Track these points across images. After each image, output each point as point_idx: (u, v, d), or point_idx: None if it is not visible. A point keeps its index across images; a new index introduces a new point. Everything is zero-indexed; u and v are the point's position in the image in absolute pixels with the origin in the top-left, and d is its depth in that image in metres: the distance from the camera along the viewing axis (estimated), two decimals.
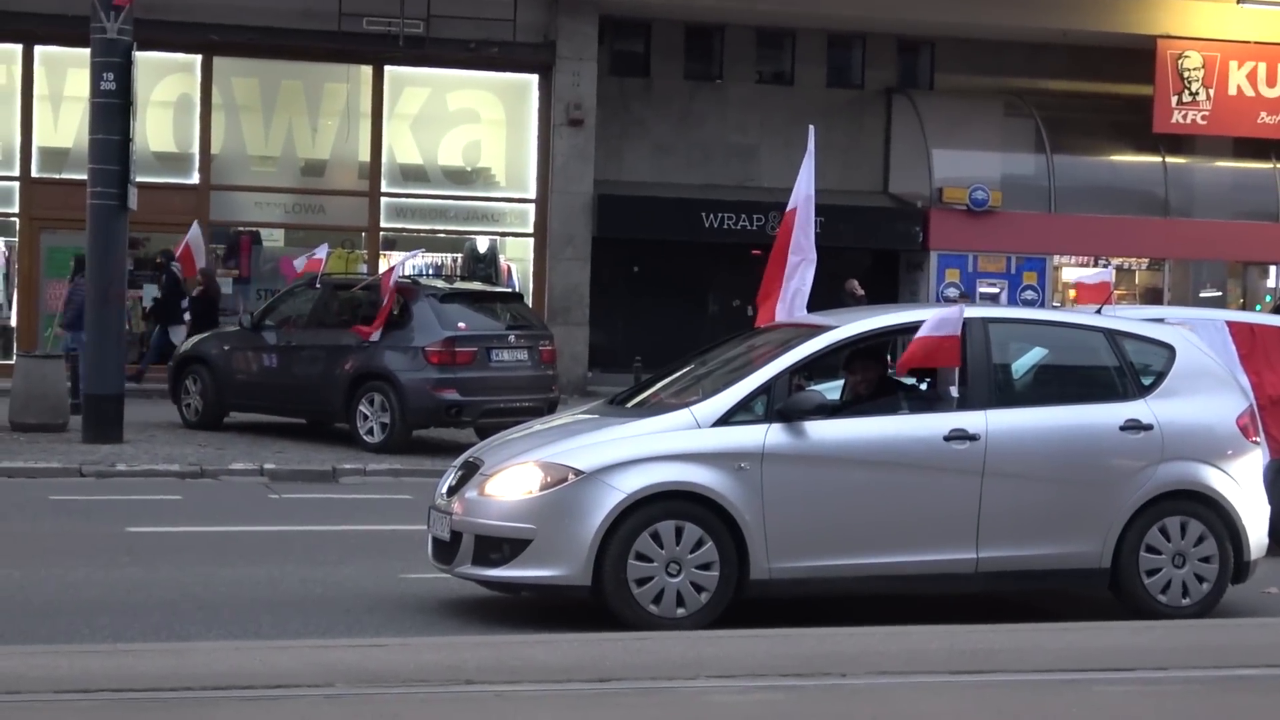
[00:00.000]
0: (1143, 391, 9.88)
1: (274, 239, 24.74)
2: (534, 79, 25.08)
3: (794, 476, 9.04)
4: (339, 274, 21.51)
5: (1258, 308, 26.00)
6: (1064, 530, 9.38)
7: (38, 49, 23.26)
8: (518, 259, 25.60)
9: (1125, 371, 9.98)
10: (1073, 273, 27.44)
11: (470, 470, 9.23)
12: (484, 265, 25.36)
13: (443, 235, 25.82)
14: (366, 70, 24.82)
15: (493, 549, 8.95)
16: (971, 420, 9.28)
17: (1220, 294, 28.09)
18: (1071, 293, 27.08)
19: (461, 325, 17.44)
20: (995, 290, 26.40)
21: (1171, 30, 25.87)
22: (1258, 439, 9.78)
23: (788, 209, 13.34)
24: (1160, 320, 12.39)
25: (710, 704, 7.20)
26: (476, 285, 22.47)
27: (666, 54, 26.38)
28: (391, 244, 24.75)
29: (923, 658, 8.22)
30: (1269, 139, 26.51)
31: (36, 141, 23.51)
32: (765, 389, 9.14)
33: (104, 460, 15.94)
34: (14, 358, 20.55)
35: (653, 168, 25.60)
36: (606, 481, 8.86)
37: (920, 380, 9.70)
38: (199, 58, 24.15)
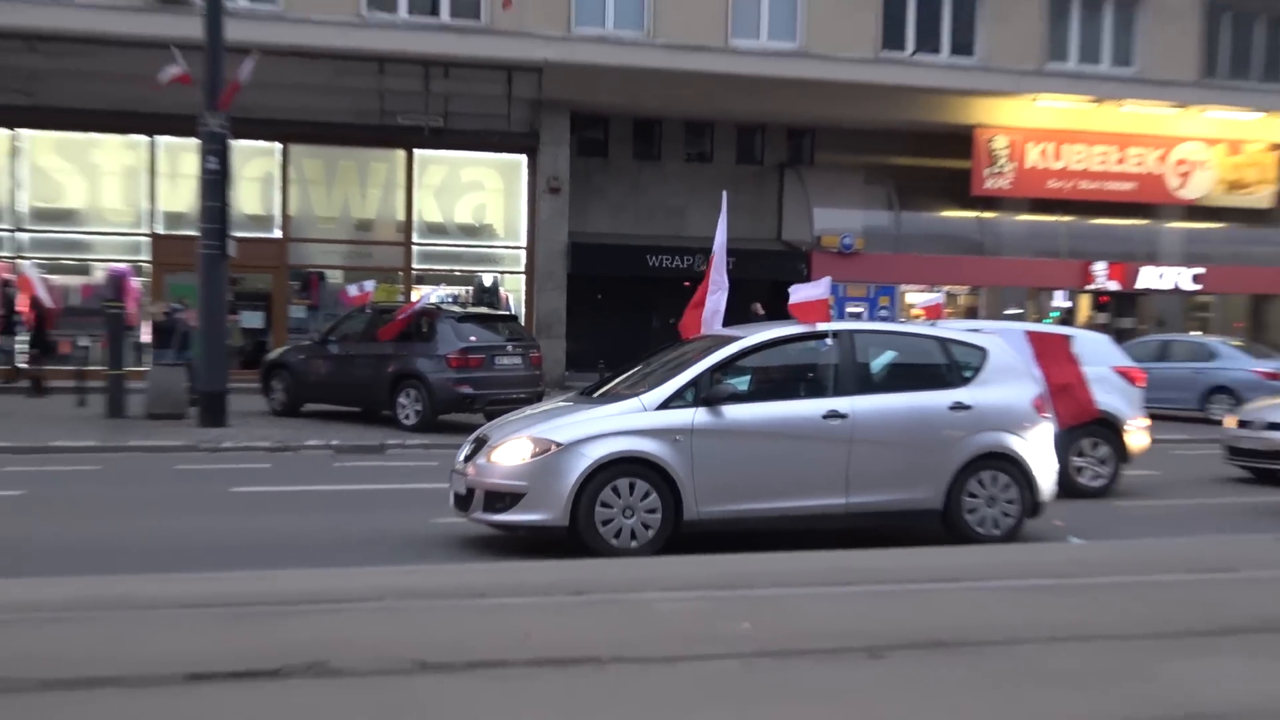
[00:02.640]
0: (964, 381, 10.22)
1: (335, 277, 25.85)
2: (524, 159, 26.23)
3: (715, 445, 9.39)
4: (383, 302, 22.46)
5: (1046, 320, 28.22)
6: (909, 482, 9.79)
7: (159, 139, 24.44)
8: (513, 290, 26.76)
9: (952, 367, 10.33)
10: (915, 297, 27.70)
11: (480, 443, 9.60)
12: (488, 295, 26.54)
13: (458, 273, 26.76)
14: (401, 153, 26.01)
15: (498, 500, 9.23)
16: (842, 404, 9.69)
17: (1021, 311, 29.28)
18: (914, 310, 27.10)
19: (473, 339, 18.15)
20: (859, 310, 27.11)
21: (985, 121, 27.62)
22: (1048, 415, 10.42)
23: (711, 253, 14.12)
24: (978, 330, 13.17)
25: (656, 609, 7.32)
26: (483, 309, 22.96)
27: (620, 140, 27.72)
28: (420, 280, 25.56)
29: (809, 575, 8.49)
30: (1055, 199, 28.52)
31: (161, 207, 24.89)
32: (694, 383, 9.50)
33: (213, 440, 16.44)
34: (149, 366, 21.28)
35: (610, 223, 27.14)
36: (579, 450, 9.19)
37: (807, 376, 10.09)
38: (278, 145, 25.10)
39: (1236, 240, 29.00)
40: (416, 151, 25.53)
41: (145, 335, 23.47)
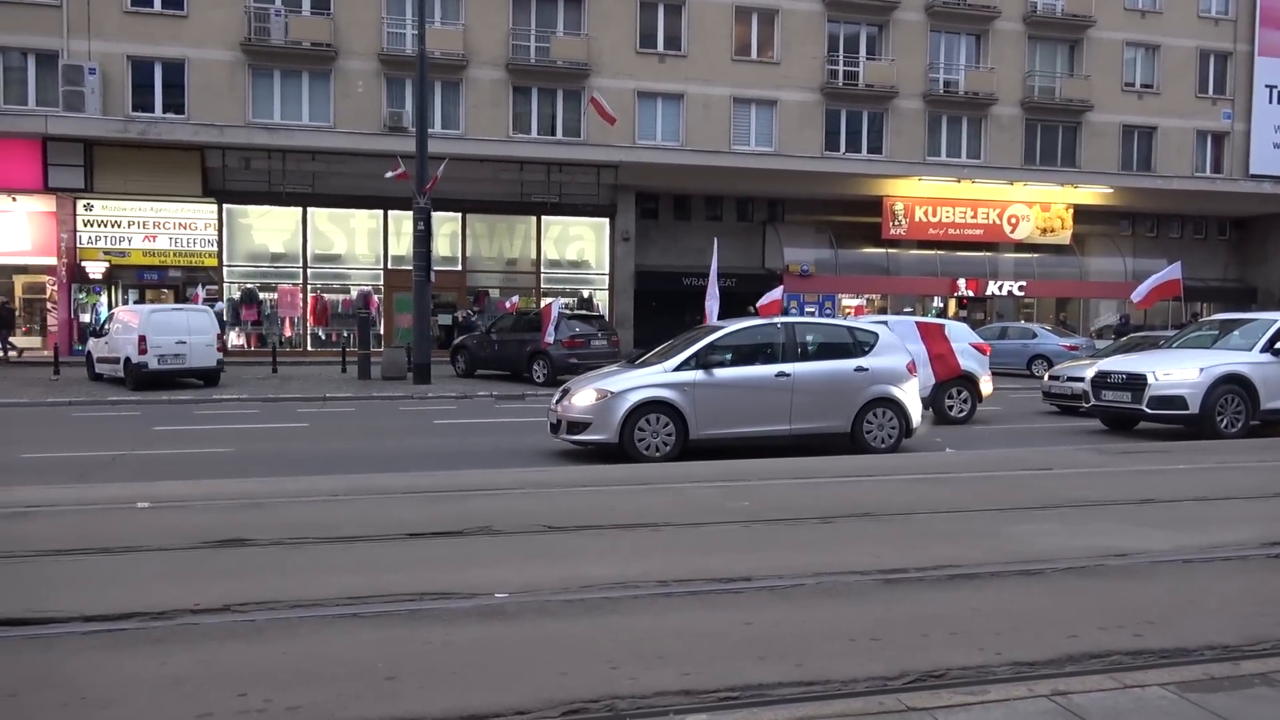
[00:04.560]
0: (865, 353, 10.72)
1: (495, 293, 28.19)
2: (606, 220, 28.85)
3: (708, 393, 9.94)
4: (524, 309, 24.13)
5: (929, 314, 29.43)
6: (830, 415, 10.42)
7: (390, 212, 26.79)
8: (601, 300, 29.09)
9: (856, 345, 10.82)
10: (849, 301, 30.71)
11: (565, 393, 10.38)
12: (586, 303, 28.65)
13: (568, 290, 28.95)
14: (533, 219, 28.36)
15: (575, 426, 9.93)
16: (787, 368, 10.25)
17: (912, 310, 30.86)
18: (848, 310, 30.69)
19: (578, 329, 19.40)
20: (813, 310, 29.25)
21: (889, 193, 30.26)
22: (915, 374, 11.02)
23: (709, 278, 15.30)
24: (885, 323, 13.19)
25: (689, 493, 7.38)
26: (583, 312, 25.03)
27: (665, 208, 30.10)
28: (546, 294, 27.74)
29: (783, 472, 8.78)
30: (933, 240, 30.89)
31: (391, 252, 27.42)
32: (695, 354, 10.14)
33: (422, 392, 17.39)
34: (382, 346, 23.57)
35: (660, 259, 29.49)
36: (625, 397, 9.73)
37: (766, 350, 10.61)
38: (460, 214, 27.72)
39: (1047, 264, 32.81)
40: (543, 217, 28.54)
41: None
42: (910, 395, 10.80)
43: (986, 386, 14.14)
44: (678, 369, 9.93)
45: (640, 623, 4.15)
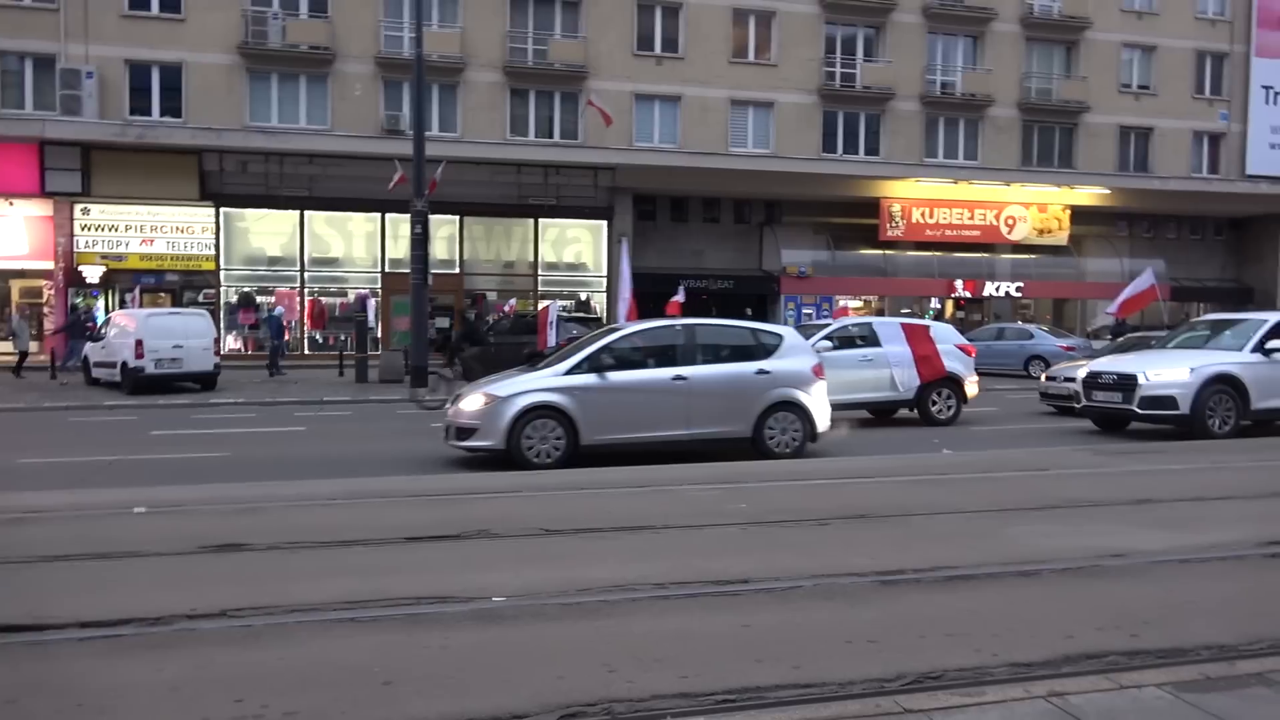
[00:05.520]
0: (768, 356, 10.36)
1: (493, 296, 28.25)
2: (604, 223, 28.60)
3: (601, 398, 9.59)
4: (522, 311, 24.99)
5: (926, 316, 29.51)
6: (729, 419, 10.08)
7: (387, 215, 26.61)
8: (599, 302, 28.85)
9: (760, 347, 10.46)
10: (849, 303, 30.57)
11: (457, 399, 10.06)
12: (585, 305, 28.88)
13: (566, 293, 28.93)
14: (531, 221, 28.33)
15: (463, 432, 9.60)
16: (684, 371, 9.89)
17: (910, 311, 31.42)
18: (847, 310, 30.33)
19: (575, 331, 19.29)
20: (810, 311, 29.10)
21: (886, 194, 30.27)
22: (824, 377, 10.64)
23: (619, 279, 15.53)
24: (870, 324, 13.01)
25: (688, 495, 7.33)
26: (581, 314, 25.19)
27: (662, 210, 30.12)
28: (544, 297, 27.62)
29: (779, 474, 8.63)
30: (930, 241, 30.94)
31: (388, 255, 27.34)
32: (588, 357, 9.83)
33: (418, 395, 17.09)
34: (380, 349, 23.89)
35: (657, 260, 29.14)
36: (513, 401, 9.39)
37: (663, 352, 10.23)
38: (457, 217, 27.60)
39: (1044, 265, 32.88)
40: (540, 220, 28.55)
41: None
42: (816, 399, 10.48)
43: (972, 388, 13.98)
44: (569, 372, 9.65)
45: (638, 625, 4.16)
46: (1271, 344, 11.78)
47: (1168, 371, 11.71)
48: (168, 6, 25.37)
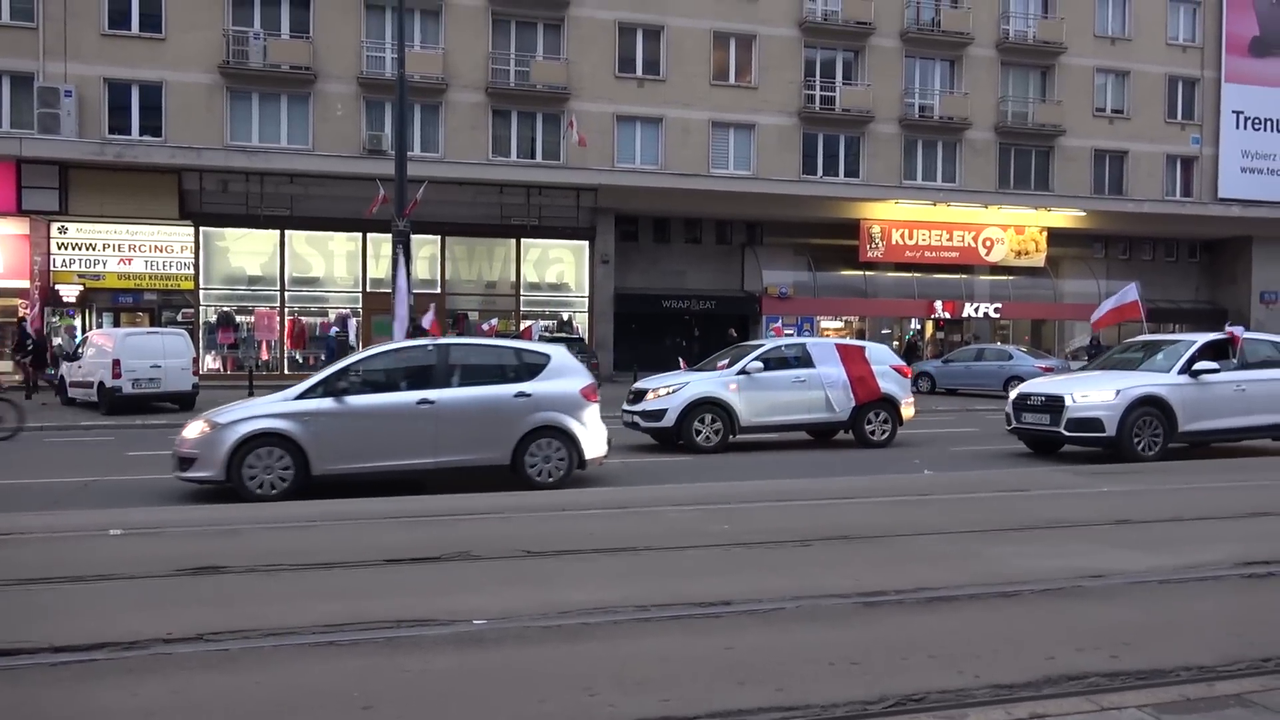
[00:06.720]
0: (531, 377, 9.62)
1: (474, 317, 27.53)
2: (586, 243, 28.71)
3: (335, 424, 8.86)
4: (504, 331, 25.47)
5: (907, 337, 30.59)
6: (484, 446, 9.30)
7: (368, 234, 26.55)
8: (580, 322, 28.98)
9: (522, 368, 9.68)
10: (828, 324, 30.96)
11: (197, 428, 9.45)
12: (566, 326, 28.61)
13: (548, 313, 28.96)
14: (513, 241, 28.17)
15: (184, 462, 8.83)
16: (432, 394, 9.15)
17: (889, 332, 32.13)
18: (827, 331, 30.43)
19: None
20: (791, 332, 27.62)
21: (866, 216, 30.39)
22: (596, 400, 9.88)
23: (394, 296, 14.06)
24: (803, 343, 12.76)
25: (669, 517, 7.27)
26: (563, 334, 25.05)
27: (645, 231, 30.31)
28: (526, 317, 27.81)
29: (762, 495, 8.47)
30: (910, 263, 31.14)
31: (370, 274, 27.13)
32: (323, 381, 9.14)
33: None
34: None
35: (639, 281, 29.68)
36: (234, 428, 8.67)
37: (411, 374, 9.48)
38: (439, 237, 27.40)
39: (1021, 286, 33.20)
40: (522, 240, 28.45)
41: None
42: (585, 423, 9.73)
43: (908, 410, 13.64)
44: (300, 397, 8.95)
45: (619, 648, 4.13)
46: (1199, 365, 11.60)
47: (1094, 393, 11.42)
48: (148, 26, 25.38)
